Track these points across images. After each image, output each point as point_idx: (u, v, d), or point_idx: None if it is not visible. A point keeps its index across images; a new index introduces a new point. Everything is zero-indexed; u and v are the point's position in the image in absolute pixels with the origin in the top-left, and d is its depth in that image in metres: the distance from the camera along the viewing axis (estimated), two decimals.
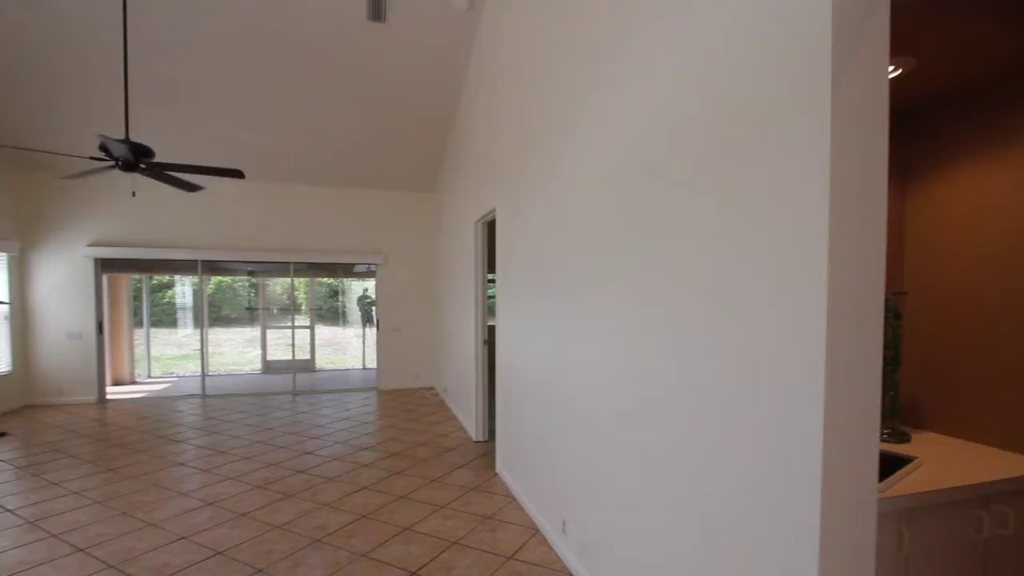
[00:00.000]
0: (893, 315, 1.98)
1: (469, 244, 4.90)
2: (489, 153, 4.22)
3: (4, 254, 5.93)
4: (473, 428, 4.86)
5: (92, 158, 3.47)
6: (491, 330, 4.76)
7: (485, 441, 4.76)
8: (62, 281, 6.32)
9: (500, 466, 3.92)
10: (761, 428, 1.32)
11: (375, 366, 7.65)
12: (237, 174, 4.00)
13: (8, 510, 3.28)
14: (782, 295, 1.25)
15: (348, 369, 10.00)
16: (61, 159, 5.46)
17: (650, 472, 1.84)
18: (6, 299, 5.91)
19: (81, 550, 2.77)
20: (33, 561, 2.65)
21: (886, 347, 1.60)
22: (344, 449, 4.58)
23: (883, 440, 1.89)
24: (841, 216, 1.13)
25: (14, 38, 4.17)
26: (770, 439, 1.28)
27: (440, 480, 3.81)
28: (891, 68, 1.41)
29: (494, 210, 4.02)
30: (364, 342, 10.50)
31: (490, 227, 4.65)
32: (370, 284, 9.85)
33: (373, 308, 8.17)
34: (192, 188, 4.13)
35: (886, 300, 1.21)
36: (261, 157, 6.22)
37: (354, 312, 12.28)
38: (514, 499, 3.45)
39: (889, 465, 1.56)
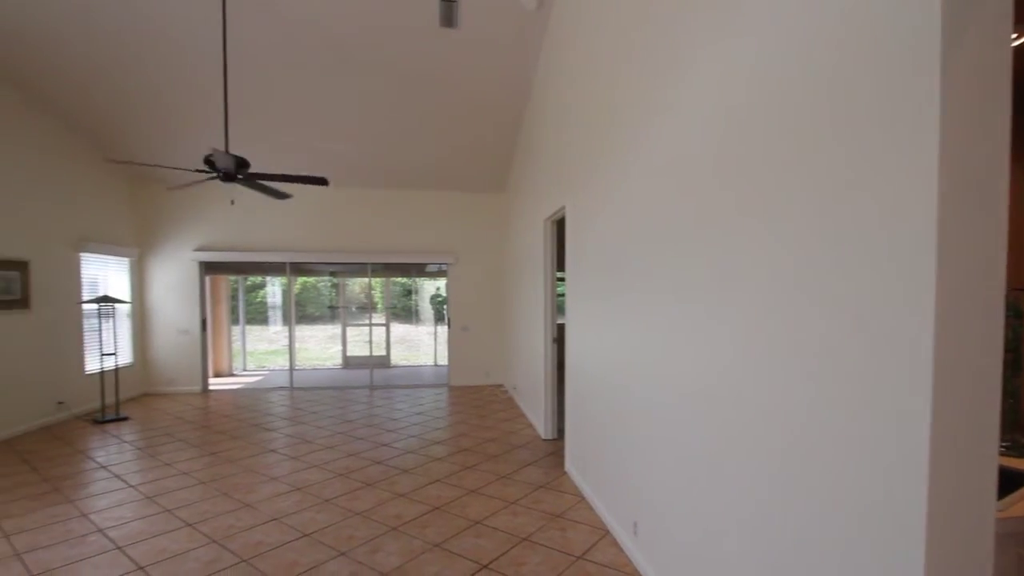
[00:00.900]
0: (1013, 314, 1.76)
1: (538, 242, 4.91)
2: (559, 151, 4.20)
3: (126, 259, 6.70)
4: (542, 426, 4.87)
5: (199, 171, 3.82)
6: (560, 328, 4.75)
7: (554, 439, 4.76)
8: (172, 282, 7.04)
9: (569, 465, 3.90)
10: (854, 436, 1.21)
11: (446, 363, 7.88)
12: (322, 182, 4.27)
13: (131, 486, 3.70)
14: (878, 291, 1.15)
15: (421, 365, 10.35)
16: (172, 174, 6.08)
17: (727, 478, 1.75)
18: (128, 299, 6.66)
19: (189, 525, 3.07)
20: (151, 532, 2.98)
21: (1006, 349, 1.43)
22: (418, 443, 4.75)
23: (1001, 454, 1.68)
24: (952, 205, 1.01)
25: (132, 70, 4.69)
26: (865, 448, 1.18)
27: (510, 476, 3.86)
28: (1014, 36, 1.25)
29: (563, 208, 4.00)
30: (436, 339, 10.83)
31: (559, 225, 4.64)
32: (442, 283, 10.14)
33: (445, 306, 8.40)
34: (282, 196, 4.43)
35: (1005, 297, 1.07)
36: (341, 164, 6.58)
37: (426, 310, 12.69)
38: (583, 498, 3.42)
39: (1009, 482, 1.39)
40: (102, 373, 5.76)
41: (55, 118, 5.43)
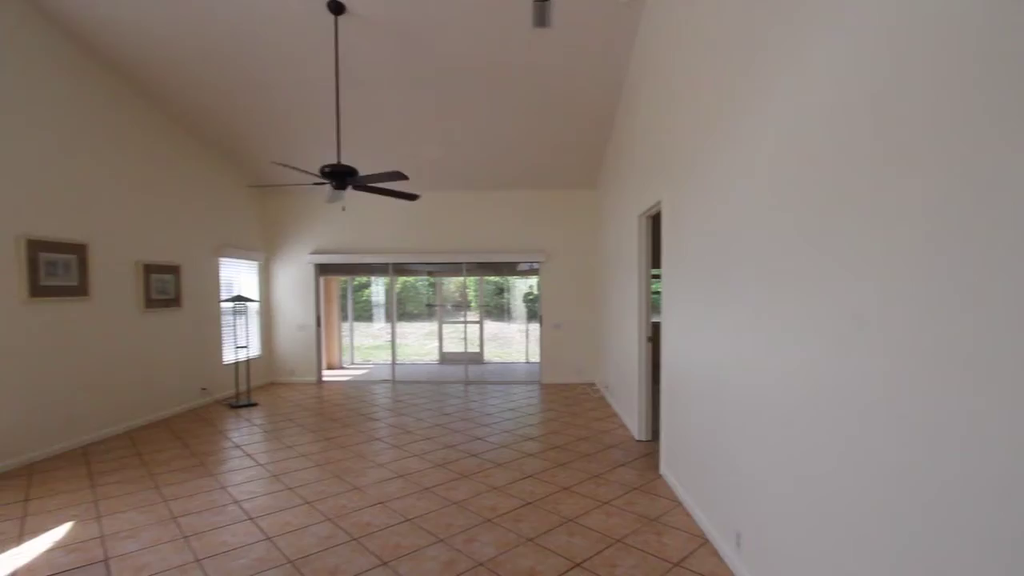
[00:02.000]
0: None
1: (632, 239, 4.80)
2: (654, 144, 4.08)
3: (255, 262, 7.54)
4: (635, 426, 4.75)
5: (317, 181, 4.22)
6: (655, 327, 4.61)
7: (648, 441, 4.63)
8: (292, 283, 7.81)
9: (664, 468, 3.77)
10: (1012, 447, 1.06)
11: (538, 360, 7.95)
12: (412, 197, 4.56)
13: (260, 464, 4.17)
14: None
15: (512, 362, 10.53)
16: (291, 187, 6.72)
17: (851, 495, 1.60)
18: (257, 298, 7.49)
19: (308, 503, 3.39)
20: (277, 507, 3.33)
21: None
22: (511, 438, 4.85)
23: None
24: None
25: (260, 95, 5.26)
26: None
27: (602, 476, 3.81)
28: None
29: (659, 203, 3.87)
30: (527, 337, 10.97)
31: (654, 221, 4.49)
32: (534, 281, 10.24)
33: (537, 304, 8.47)
34: (336, 199, 4.42)
35: None
36: (436, 168, 6.88)
37: (518, 308, 12.90)
38: (680, 504, 3.30)
39: None
40: (236, 364, 6.54)
41: (200, 142, 6.24)
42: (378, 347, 12.46)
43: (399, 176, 3.81)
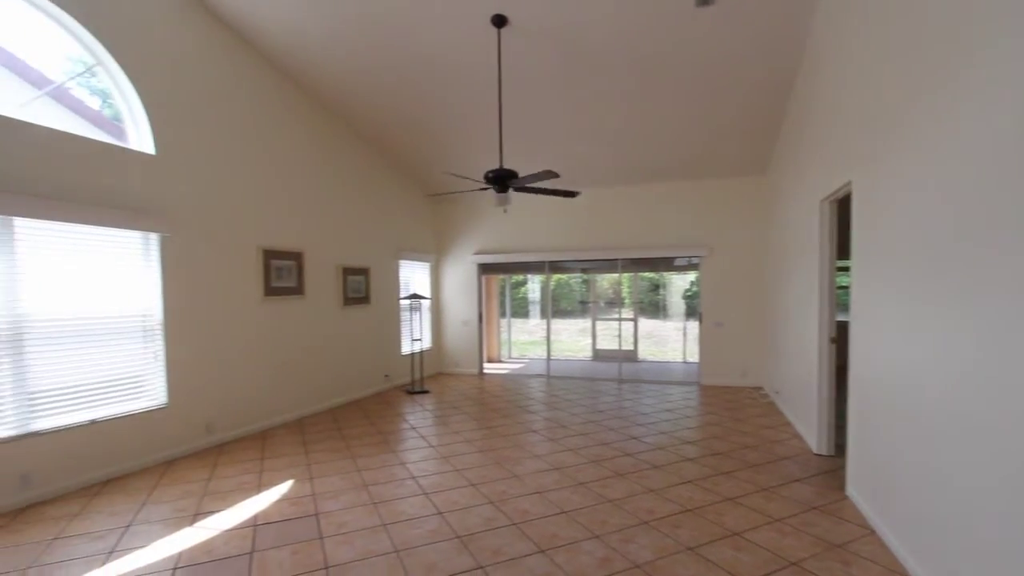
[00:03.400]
0: None
1: (812, 227, 4.26)
2: (842, 119, 3.59)
3: (427, 264, 8.38)
4: (814, 438, 4.21)
5: (481, 186, 4.56)
6: (840, 326, 4.04)
7: (831, 456, 4.07)
8: (458, 282, 8.51)
9: (852, 488, 3.29)
10: None
11: (696, 360, 7.49)
12: (571, 194, 4.63)
13: (432, 445, 4.63)
14: None
15: (668, 361, 10.07)
16: (460, 192, 7.33)
17: None
18: (428, 295, 8.31)
19: (472, 485, 3.68)
20: (446, 486, 3.67)
21: None
22: (667, 440, 4.66)
23: None
24: None
25: (433, 110, 5.84)
26: None
27: (773, 490, 3.46)
28: None
29: (848, 184, 3.37)
30: (685, 335, 10.39)
31: (842, 205, 3.93)
32: (691, 277, 9.67)
33: (696, 301, 7.99)
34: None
35: None
36: (593, 164, 6.89)
37: (674, 305, 12.28)
38: (872, 531, 2.85)
39: None
40: (412, 354, 7.34)
41: (385, 159, 7.14)
42: (533, 343, 12.89)
43: (551, 175, 3.90)
